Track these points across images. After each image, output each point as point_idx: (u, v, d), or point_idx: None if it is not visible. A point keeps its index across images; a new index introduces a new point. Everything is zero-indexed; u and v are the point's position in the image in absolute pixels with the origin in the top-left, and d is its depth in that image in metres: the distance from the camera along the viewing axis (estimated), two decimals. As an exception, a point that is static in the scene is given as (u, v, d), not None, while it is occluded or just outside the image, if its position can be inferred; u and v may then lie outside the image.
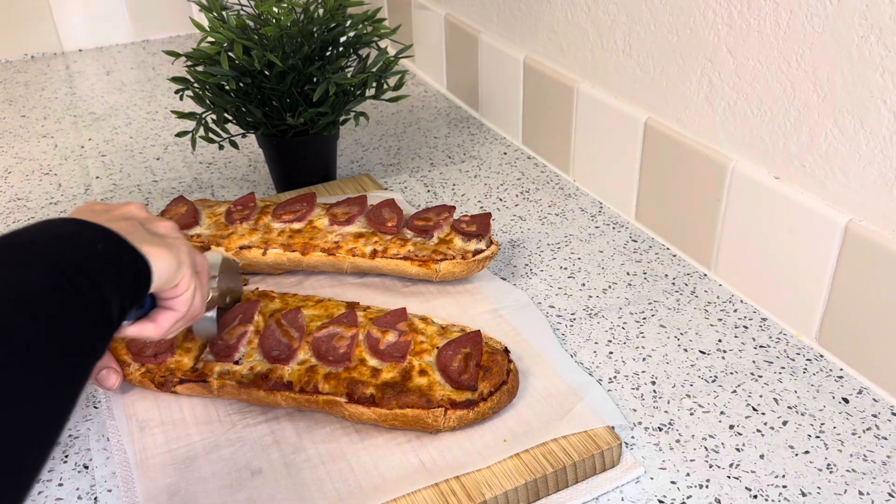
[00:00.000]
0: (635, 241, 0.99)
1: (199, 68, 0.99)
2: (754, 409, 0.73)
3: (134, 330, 0.62)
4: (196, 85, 1.01)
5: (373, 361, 0.71)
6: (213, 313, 0.73)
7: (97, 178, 1.21)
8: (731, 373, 0.77)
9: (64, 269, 0.49)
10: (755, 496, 0.64)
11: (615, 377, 0.77)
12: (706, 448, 0.69)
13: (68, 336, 0.46)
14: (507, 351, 0.73)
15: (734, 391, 0.75)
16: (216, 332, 0.74)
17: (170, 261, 0.58)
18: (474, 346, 0.71)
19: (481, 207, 1.08)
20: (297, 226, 0.91)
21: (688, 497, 0.65)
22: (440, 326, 0.75)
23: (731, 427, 0.71)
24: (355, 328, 0.74)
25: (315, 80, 1.01)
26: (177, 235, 0.62)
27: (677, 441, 0.70)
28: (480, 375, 0.69)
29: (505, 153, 1.23)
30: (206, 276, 0.68)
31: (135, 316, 0.61)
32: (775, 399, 0.74)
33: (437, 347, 0.72)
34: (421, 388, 0.68)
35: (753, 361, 0.79)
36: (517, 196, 1.11)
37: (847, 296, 0.76)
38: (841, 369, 0.77)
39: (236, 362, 0.72)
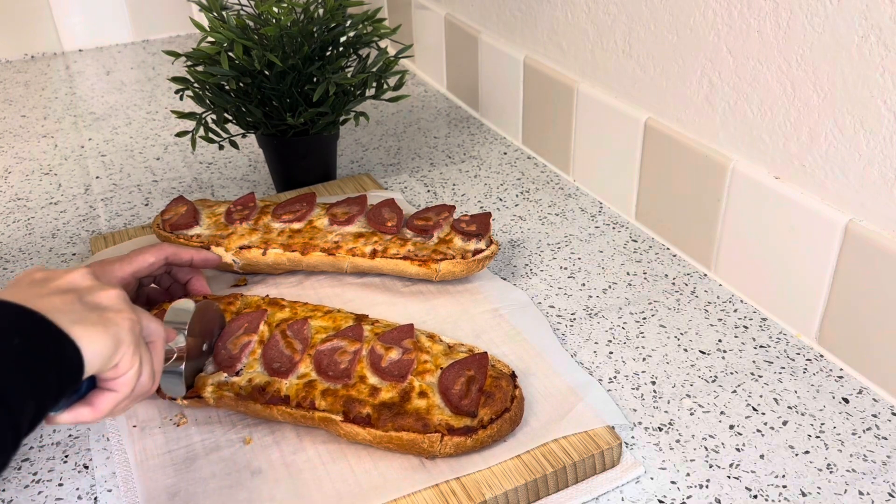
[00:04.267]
0: (635, 241, 0.99)
1: (199, 68, 0.99)
2: (754, 409, 0.73)
3: (67, 417, 0.55)
4: (196, 85, 1.01)
5: (373, 379, 0.69)
6: (181, 368, 0.68)
7: (97, 178, 1.21)
8: (731, 373, 0.77)
9: None
10: (755, 496, 0.64)
11: (615, 377, 0.77)
12: (706, 448, 0.69)
13: None
14: (513, 376, 0.70)
15: (734, 391, 0.75)
16: (184, 391, 0.69)
17: (104, 343, 0.52)
18: (479, 370, 0.68)
19: (481, 207, 1.08)
20: (296, 226, 0.91)
21: (688, 497, 0.65)
22: (447, 346, 0.73)
23: (731, 427, 0.71)
24: (359, 343, 0.72)
25: (315, 80, 1.01)
26: (120, 307, 0.56)
27: (677, 441, 0.70)
28: (482, 401, 0.66)
29: (505, 153, 1.23)
30: (162, 344, 0.62)
31: (68, 403, 0.55)
32: (775, 399, 0.74)
33: (441, 368, 0.70)
34: (419, 410, 0.66)
35: (753, 361, 0.79)
36: (517, 196, 1.11)
37: (847, 296, 0.76)
38: (841, 369, 0.77)
39: (237, 373, 0.72)
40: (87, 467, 0.69)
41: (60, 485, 0.68)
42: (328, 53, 1.04)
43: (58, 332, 0.50)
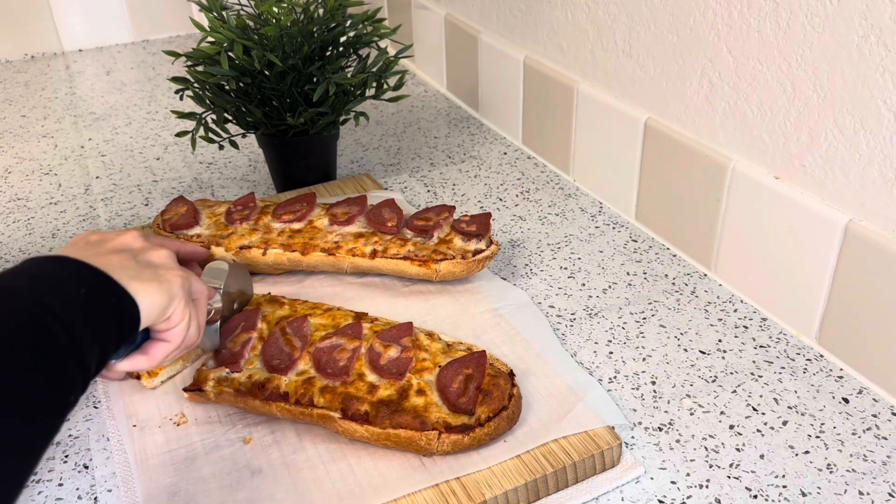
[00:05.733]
0: (635, 241, 0.99)
1: (199, 68, 0.99)
2: (754, 409, 0.73)
3: (125, 365, 0.61)
4: (196, 85, 1.01)
5: (371, 377, 0.69)
6: (217, 325, 0.73)
7: (97, 178, 1.21)
8: (731, 373, 0.77)
9: (40, 319, 0.47)
10: (755, 496, 0.64)
11: (615, 377, 0.77)
12: (706, 448, 0.69)
13: (35, 391, 0.45)
14: (511, 374, 0.70)
15: (734, 391, 0.75)
16: (219, 343, 0.74)
17: (159, 297, 0.57)
18: (477, 368, 0.69)
19: (481, 207, 1.08)
20: (297, 226, 0.91)
21: (688, 497, 0.65)
22: (446, 343, 0.74)
23: (731, 427, 0.71)
24: (358, 341, 0.72)
25: (315, 80, 1.01)
26: (171, 266, 0.61)
27: (677, 441, 0.70)
28: (479, 399, 0.66)
29: (505, 153, 1.23)
30: (205, 302, 0.67)
31: (125, 352, 0.61)
32: (775, 399, 0.74)
33: (440, 366, 0.70)
34: (416, 408, 0.66)
35: (753, 361, 0.79)
36: (517, 196, 1.11)
37: (847, 296, 0.76)
38: (841, 369, 0.77)
39: (241, 370, 0.72)
40: (87, 467, 0.69)
41: (60, 485, 0.68)
42: (328, 53, 1.04)
43: (117, 287, 0.54)
